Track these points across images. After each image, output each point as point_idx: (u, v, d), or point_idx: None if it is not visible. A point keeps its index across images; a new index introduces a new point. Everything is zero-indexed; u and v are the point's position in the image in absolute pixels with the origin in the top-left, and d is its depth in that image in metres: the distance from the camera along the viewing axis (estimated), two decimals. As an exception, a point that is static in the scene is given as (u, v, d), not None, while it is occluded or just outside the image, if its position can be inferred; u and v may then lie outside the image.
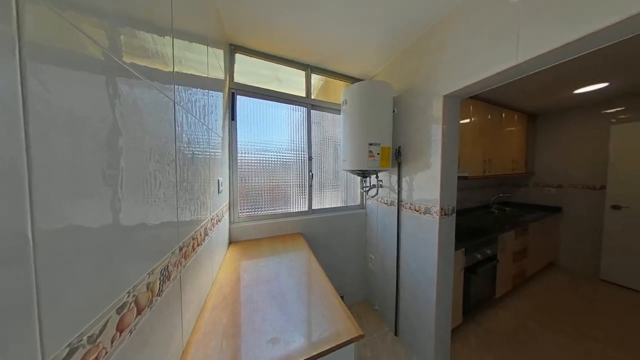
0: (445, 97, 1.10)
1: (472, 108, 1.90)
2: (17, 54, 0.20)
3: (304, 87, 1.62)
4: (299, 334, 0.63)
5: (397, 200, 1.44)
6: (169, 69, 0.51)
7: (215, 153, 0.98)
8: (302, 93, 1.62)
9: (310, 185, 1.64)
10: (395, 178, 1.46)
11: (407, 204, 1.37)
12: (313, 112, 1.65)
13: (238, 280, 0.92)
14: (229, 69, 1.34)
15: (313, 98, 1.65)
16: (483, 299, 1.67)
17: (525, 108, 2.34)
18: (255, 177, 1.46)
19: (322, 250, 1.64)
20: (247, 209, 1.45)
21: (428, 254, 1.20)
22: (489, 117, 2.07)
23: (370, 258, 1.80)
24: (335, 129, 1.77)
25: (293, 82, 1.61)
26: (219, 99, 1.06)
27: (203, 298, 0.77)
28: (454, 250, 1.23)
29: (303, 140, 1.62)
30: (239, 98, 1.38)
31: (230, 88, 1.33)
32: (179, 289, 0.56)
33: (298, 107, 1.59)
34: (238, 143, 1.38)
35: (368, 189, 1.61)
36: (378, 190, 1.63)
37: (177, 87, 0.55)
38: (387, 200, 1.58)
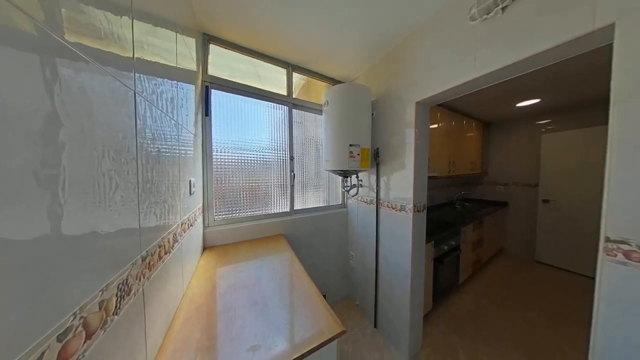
0: (417, 103, 1.19)
1: (439, 115, 2.10)
2: None
3: (285, 85, 1.59)
4: (282, 338, 0.61)
5: (375, 199, 1.51)
6: (128, 54, 0.45)
7: (187, 151, 0.89)
8: (283, 91, 1.58)
9: (292, 186, 1.62)
10: (374, 178, 1.53)
11: (385, 202, 1.45)
12: (295, 111, 1.63)
13: (214, 289, 0.86)
14: (203, 60, 1.24)
15: (295, 97, 1.63)
16: (449, 286, 1.86)
17: (481, 117, 2.71)
18: (233, 177, 1.38)
19: (304, 251, 1.63)
20: (224, 211, 1.36)
21: (404, 248, 1.28)
22: (453, 123, 2.32)
23: (352, 255, 1.85)
24: (317, 129, 1.78)
25: (274, 79, 1.56)
26: (191, 92, 0.97)
27: (172, 311, 0.70)
28: (425, 243, 1.34)
29: (284, 140, 1.58)
30: (215, 92, 1.29)
31: (204, 81, 1.23)
32: (142, 304, 0.50)
33: (279, 105, 1.55)
34: (213, 140, 1.28)
35: (349, 189, 1.65)
36: (358, 190, 1.69)
37: (138, 75, 0.48)
38: (366, 199, 1.64)
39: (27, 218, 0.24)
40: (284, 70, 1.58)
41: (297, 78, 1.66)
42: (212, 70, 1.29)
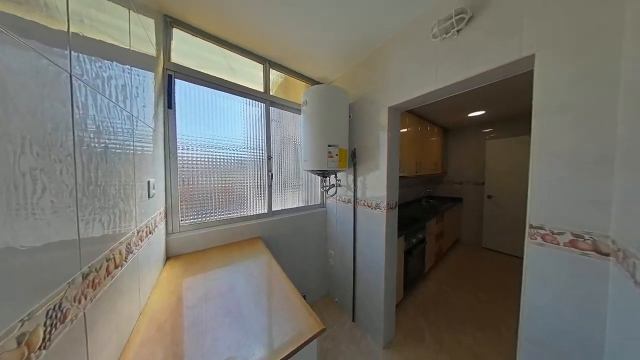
0: (390, 108, 1.27)
1: (408, 120, 2.31)
2: None
3: (262, 81, 1.52)
4: (259, 345, 0.58)
5: (353, 198, 1.57)
6: (60, 27, 0.36)
7: (144, 147, 0.78)
8: (260, 88, 1.51)
9: (270, 186, 1.56)
10: (352, 178, 1.58)
11: (361, 201, 1.51)
12: (272, 109, 1.57)
13: (179, 302, 0.77)
14: (165, 46, 1.09)
15: (272, 94, 1.57)
16: (417, 275, 2.05)
17: (442, 123, 3.11)
18: (203, 177, 1.26)
19: (283, 253, 1.59)
20: (191, 215, 1.23)
21: (378, 243, 1.36)
22: (419, 128, 2.57)
23: (331, 254, 1.88)
24: (296, 129, 1.75)
25: (250, 74, 1.48)
26: (149, 80, 0.85)
27: (127, 334, 0.60)
28: (397, 238, 1.45)
29: (262, 138, 1.52)
30: (180, 83, 1.15)
31: (167, 69, 1.09)
32: (83, 331, 0.41)
33: (256, 102, 1.48)
34: (178, 136, 1.15)
35: (328, 188, 1.67)
36: (337, 190, 1.73)
37: (76, 54, 0.40)
38: (344, 199, 1.69)
39: None
40: (261, 66, 1.51)
41: (274, 75, 1.60)
42: (176, 58, 1.15)
